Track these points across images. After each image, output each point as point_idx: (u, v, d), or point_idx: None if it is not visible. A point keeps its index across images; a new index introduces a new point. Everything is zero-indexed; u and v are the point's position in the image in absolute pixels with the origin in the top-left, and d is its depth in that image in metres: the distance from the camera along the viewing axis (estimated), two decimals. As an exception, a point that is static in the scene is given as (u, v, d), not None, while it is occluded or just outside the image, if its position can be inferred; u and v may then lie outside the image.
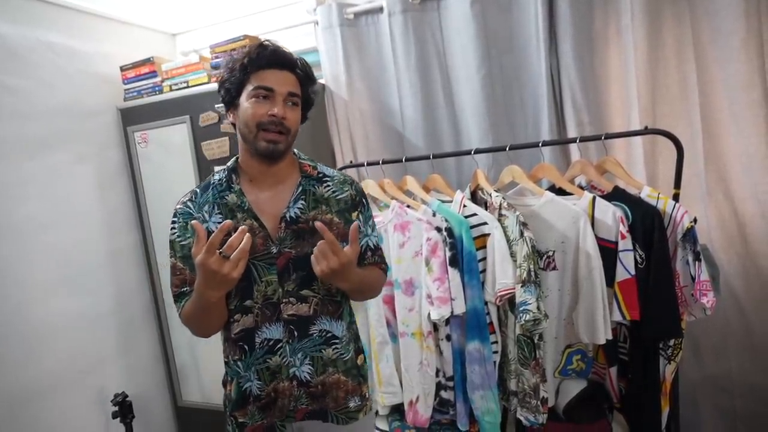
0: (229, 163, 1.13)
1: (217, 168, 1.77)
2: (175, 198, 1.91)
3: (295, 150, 1.16)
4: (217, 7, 2.28)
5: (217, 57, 1.87)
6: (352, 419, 1.15)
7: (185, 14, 2.34)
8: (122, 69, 2.02)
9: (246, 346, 1.09)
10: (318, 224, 0.97)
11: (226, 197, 1.08)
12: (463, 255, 1.51)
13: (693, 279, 1.36)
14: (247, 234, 0.92)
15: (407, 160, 1.72)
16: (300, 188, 1.10)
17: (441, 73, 1.97)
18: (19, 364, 1.62)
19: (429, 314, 1.54)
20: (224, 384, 1.18)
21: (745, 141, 1.65)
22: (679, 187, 1.52)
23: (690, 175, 1.66)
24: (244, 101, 1.04)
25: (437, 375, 1.63)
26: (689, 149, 1.54)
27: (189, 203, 1.10)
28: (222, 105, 1.11)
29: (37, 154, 1.74)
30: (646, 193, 1.46)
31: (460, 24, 1.87)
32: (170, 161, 1.95)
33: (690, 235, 1.35)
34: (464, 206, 1.57)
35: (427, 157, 1.70)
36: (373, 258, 1.19)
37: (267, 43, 1.06)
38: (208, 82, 1.87)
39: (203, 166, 1.88)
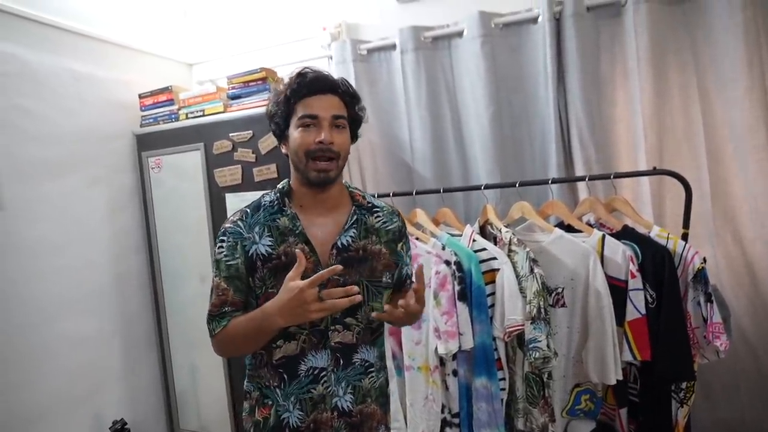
0: (280, 186, 1.12)
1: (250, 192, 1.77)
2: (185, 223, 1.97)
3: (344, 180, 1.16)
4: (233, 39, 2.35)
5: (233, 88, 1.91)
6: None
7: (202, 46, 2.41)
8: (140, 96, 2.06)
9: (286, 375, 1.05)
10: (418, 269, 1.02)
11: (278, 220, 1.06)
12: (472, 289, 1.49)
13: (705, 320, 1.34)
14: (350, 297, 0.93)
15: (417, 193, 1.72)
16: (354, 217, 1.09)
17: (451, 110, 2.00)
18: (18, 385, 1.58)
19: (436, 348, 1.51)
20: (252, 409, 1.11)
21: (750, 183, 1.67)
22: (688, 227, 1.51)
23: (697, 215, 1.66)
24: (293, 131, 1.05)
25: (443, 411, 1.58)
26: (696, 190, 1.54)
27: (240, 222, 1.07)
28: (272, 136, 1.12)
29: (53, 177, 1.75)
30: (656, 233, 1.45)
31: (470, 63, 1.91)
32: (182, 187, 1.96)
33: (701, 275, 1.34)
34: (474, 241, 1.56)
35: (437, 191, 1.71)
36: (411, 284, 1.19)
37: (306, 70, 1.06)
38: (223, 112, 1.90)
39: (215, 192, 1.88)
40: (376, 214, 1.13)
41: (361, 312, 1.07)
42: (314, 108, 1.03)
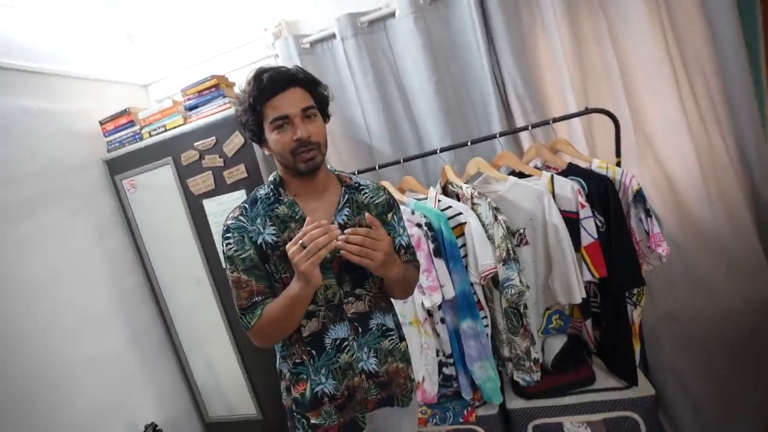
0: (271, 178, 1.03)
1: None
2: (171, 235, 1.78)
3: (329, 164, 1.06)
4: (182, 54, 2.10)
5: (189, 99, 1.69)
6: (410, 399, 1.09)
7: (154, 65, 2.15)
8: (101, 123, 1.82)
9: (314, 350, 0.99)
10: (368, 216, 0.92)
11: (277, 209, 0.98)
12: (445, 245, 1.41)
13: (647, 233, 1.31)
14: (328, 234, 0.85)
15: (380, 167, 1.61)
16: (346, 196, 1.02)
17: (397, 86, 1.86)
18: (46, 412, 1.42)
19: (422, 303, 1.44)
20: (288, 388, 1.05)
21: (664, 110, 1.63)
22: (620, 155, 1.47)
23: (623, 144, 1.62)
24: (269, 135, 0.95)
25: (437, 355, 1.53)
26: (619, 122, 1.50)
27: (241, 217, 0.99)
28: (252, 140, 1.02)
29: (31, 215, 1.52)
30: (596, 165, 1.40)
31: (407, 39, 1.76)
32: (161, 202, 1.76)
33: (639, 195, 1.30)
34: (439, 201, 1.47)
35: (397, 162, 1.59)
36: (406, 255, 1.09)
37: (260, 72, 0.94)
38: (184, 123, 1.69)
39: (192, 201, 1.70)
40: (363, 192, 1.06)
41: (369, 283, 1.02)
42: (281, 108, 0.92)
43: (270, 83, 0.92)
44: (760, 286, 1.63)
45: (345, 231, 0.88)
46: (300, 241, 0.84)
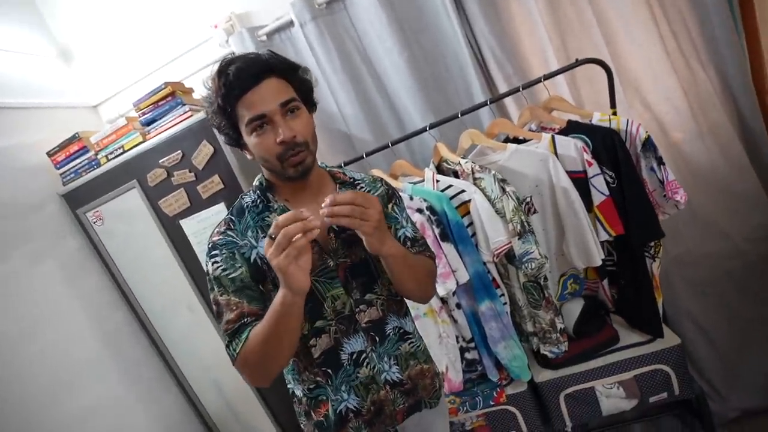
0: (256, 183, 0.86)
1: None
2: (152, 263, 1.54)
3: (320, 161, 0.87)
4: (130, 66, 1.82)
5: (144, 113, 1.45)
6: (438, 399, 0.97)
7: (100, 83, 1.86)
8: (49, 154, 1.54)
9: (330, 369, 0.85)
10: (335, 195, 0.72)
11: (267, 218, 0.82)
12: (451, 227, 1.24)
13: (661, 182, 1.18)
14: (302, 222, 0.66)
15: (368, 154, 1.41)
16: None
17: (367, 66, 1.64)
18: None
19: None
20: (307, 413, 0.89)
21: (645, 55, 1.50)
22: (615, 105, 1.33)
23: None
24: (248, 137, 0.77)
25: (458, 341, 1.38)
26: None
27: (229, 232, 0.82)
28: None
29: (-15, 268, 1.28)
30: (598, 118, 1.25)
31: (371, 15, 1.55)
32: (134, 230, 1.52)
33: (649, 143, 1.16)
34: (437, 181, 1.30)
35: (385, 147, 1.40)
36: (414, 248, 0.91)
37: (226, 65, 0.75)
38: (143, 141, 1.45)
39: (168, 223, 1.47)
40: (359, 187, 0.90)
41: (378, 285, 0.87)
42: (257, 105, 0.74)
43: (238, 77, 0.73)
44: (760, 215, 1.54)
45: (325, 198, 0.69)
46: (271, 234, 0.67)
